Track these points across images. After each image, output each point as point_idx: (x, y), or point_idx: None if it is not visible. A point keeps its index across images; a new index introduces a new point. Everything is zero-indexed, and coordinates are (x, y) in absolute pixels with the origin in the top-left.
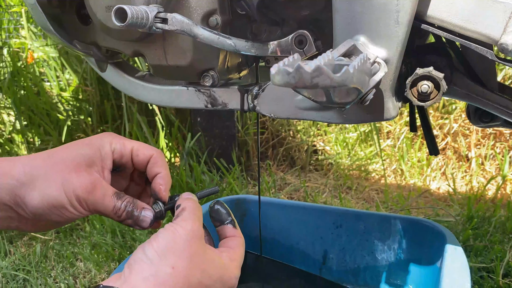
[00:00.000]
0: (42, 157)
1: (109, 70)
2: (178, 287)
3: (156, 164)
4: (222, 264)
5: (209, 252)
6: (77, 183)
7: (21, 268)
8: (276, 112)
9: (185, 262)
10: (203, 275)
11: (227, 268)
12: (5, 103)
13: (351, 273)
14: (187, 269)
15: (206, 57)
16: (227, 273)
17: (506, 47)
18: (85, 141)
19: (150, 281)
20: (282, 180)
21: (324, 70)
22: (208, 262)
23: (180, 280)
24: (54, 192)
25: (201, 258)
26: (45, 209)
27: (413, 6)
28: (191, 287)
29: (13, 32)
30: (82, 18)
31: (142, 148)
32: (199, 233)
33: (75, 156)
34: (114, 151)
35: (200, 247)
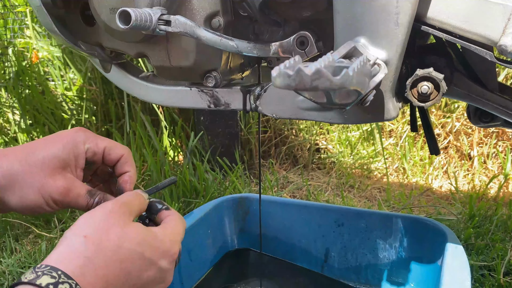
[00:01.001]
0: (20, 159)
1: (113, 71)
2: (90, 251)
3: (126, 163)
4: (150, 232)
5: (133, 225)
6: (53, 188)
7: (27, 265)
8: (278, 112)
9: (100, 231)
10: (120, 240)
11: (157, 235)
12: (10, 102)
13: (353, 271)
14: (101, 235)
15: (209, 58)
16: (159, 239)
17: (505, 48)
18: (61, 140)
19: (62, 251)
20: (284, 179)
21: (323, 73)
22: (130, 231)
23: (92, 246)
24: (31, 196)
25: (120, 228)
26: (23, 210)
27: (413, 8)
28: (106, 251)
29: (18, 32)
30: (86, 19)
31: (114, 147)
32: (120, 212)
33: (51, 159)
34: (87, 150)
35: (119, 220)
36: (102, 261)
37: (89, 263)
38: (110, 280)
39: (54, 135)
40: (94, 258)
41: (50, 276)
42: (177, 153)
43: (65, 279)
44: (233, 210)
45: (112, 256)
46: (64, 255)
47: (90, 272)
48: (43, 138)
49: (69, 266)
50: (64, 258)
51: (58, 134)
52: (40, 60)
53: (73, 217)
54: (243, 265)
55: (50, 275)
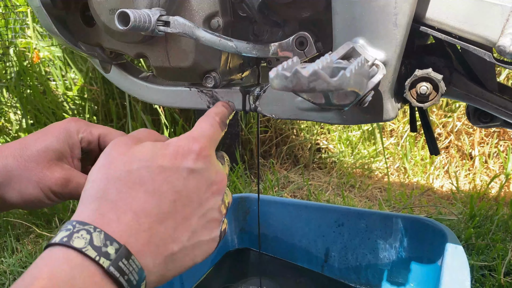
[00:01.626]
0: (14, 154)
1: (113, 71)
2: (100, 190)
3: None
4: (156, 144)
5: (136, 146)
6: (52, 180)
7: (28, 265)
8: (277, 112)
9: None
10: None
11: (167, 144)
12: (11, 102)
13: (353, 271)
14: (106, 172)
15: (208, 58)
16: (168, 146)
17: (503, 49)
18: (53, 132)
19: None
20: (285, 179)
21: (321, 75)
22: (132, 151)
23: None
24: (31, 190)
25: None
26: (24, 205)
27: (411, 9)
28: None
29: (19, 32)
30: (86, 20)
31: (109, 134)
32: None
33: (45, 152)
34: (81, 140)
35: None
36: (115, 193)
37: (102, 203)
38: (138, 208)
39: (46, 128)
40: (106, 195)
41: (65, 230)
42: None
43: (80, 227)
44: (233, 210)
45: (124, 182)
46: (79, 208)
47: (107, 210)
48: (35, 132)
49: (83, 213)
50: (79, 210)
51: (50, 126)
52: (41, 60)
53: None
54: (243, 264)
55: (65, 229)
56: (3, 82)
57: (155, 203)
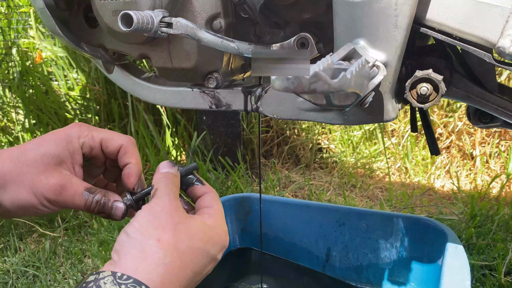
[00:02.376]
0: (12, 158)
1: (116, 72)
2: (168, 257)
3: (125, 154)
4: (207, 225)
5: (192, 219)
6: (46, 186)
7: (31, 264)
8: (278, 113)
9: (170, 232)
10: (191, 240)
11: (213, 228)
12: (14, 102)
13: (354, 271)
14: (173, 238)
15: (210, 59)
16: (216, 232)
17: (503, 50)
18: (53, 137)
19: (139, 257)
20: (286, 178)
21: (321, 76)
22: (193, 228)
23: (168, 250)
24: (24, 195)
25: (185, 225)
26: (17, 210)
27: (411, 11)
28: (181, 254)
29: (22, 32)
30: (89, 21)
31: (111, 139)
32: (176, 205)
33: (43, 156)
34: (82, 145)
35: (181, 216)
36: (178, 266)
37: (168, 270)
38: (183, 282)
39: (48, 134)
40: (172, 263)
41: None
42: (180, 153)
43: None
44: (235, 210)
45: (186, 259)
46: (143, 264)
47: (169, 279)
48: (37, 138)
49: (150, 276)
50: (144, 268)
51: (52, 132)
52: (44, 60)
53: (76, 215)
54: (245, 264)
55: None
56: (5, 82)
57: (191, 279)
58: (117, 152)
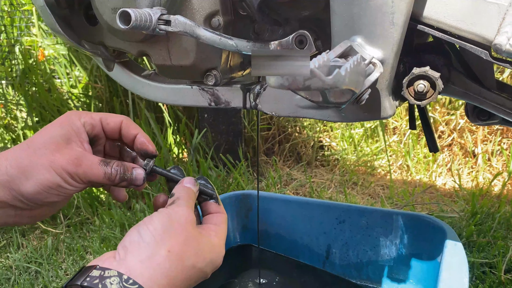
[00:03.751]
0: (21, 148)
1: (116, 69)
2: (173, 269)
3: (129, 127)
4: (212, 245)
5: (201, 235)
6: (63, 160)
7: (33, 260)
8: (276, 110)
9: (181, 246)
10: (196, 257)
11: (215, 248)
12: (17, 100)
13: (354, 268)
14: (182, 252)
15: (209, 57)
16: (216, 253)
17: (499, 47)
18: (56, 123)
19: (146, 263)
20: (288, 176)
21: (316, 73)
22: (201, 245)
23: (175, 263)
24: (46, 175)
25: (195, 241)
26: (43, 193)
27: (408, 8)
28: (185, 269)
29: (25, 30)
30: (89, 19)
31: (110, 117)
32: (193, 218)
33: (51, 138)
34: (84, 124)
35: (194, 231)
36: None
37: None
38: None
39: (49, 123)
40: (175, 278)
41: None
42: (181, 150)
43: None
44: (235, 207)
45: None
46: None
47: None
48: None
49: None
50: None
51: (53, 121)
52: (46, 58)
53: (78, 212)
54: (245, 260)
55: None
56: (8, 80)
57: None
58: (118, 128)
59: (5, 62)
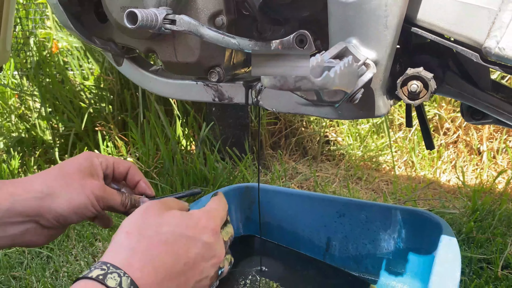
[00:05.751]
0: (54, 172)
1: (125, 64)
2: (133, 242)
3: (136, 173)
4: (184, 214)
5: (167, 212)
6: (93, 186)
7: (45, 246)
8: (277, 106)
9: (138, 223)
10: (159, 226)
11: (191, 215)
12: (31, 91)
13: (353, 260)
14: (140, 226)
15: (213, 54)
16: (193, 218)
17: (489, 50)
18: (79, 157)
19: (110, 250)
20: (293, 170)
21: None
22: (164, 217)
23: (134, 237)
24: (78, 196)
25: (155, 218)
26: (70, 212)
27: (401, 12)
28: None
29: (39, 23)
30: (100, 16)
31: (121, 161)
32: (154, 205)
33: (80, 167)
34: (101, 163)
35: (156, 212)
36: (144, 248)
37: (133, 253)
38: (157, 263)
39: (72, 158)
40: (137, 247)
41: (100, 269)
42: (189, 143)
43: (113, 270)
44: (239, 199)
45: (153, 240)
46: (111, 252)
47: (135, 260)
48: (62, 162)
49: (116, 259)
50: (111, 254)
51: (73, 157)
52: (60, 50)
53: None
54: (247, 250)
55: (100, 268)
56: (23, 71)
57: (171, 262)
58: (125, 173)
59: (20, 54)
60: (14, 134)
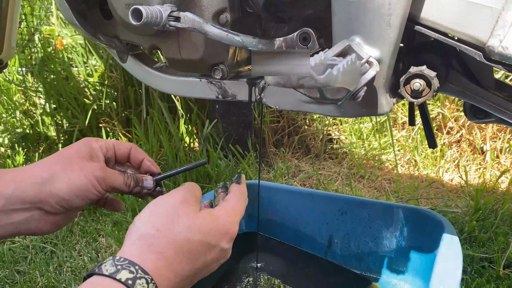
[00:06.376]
0: (53, 157)
1: (130, 61)
2: (162, 245)
3: (138, 152)
4: (212, 217)
5: (195, 213)
6: (93, 167)
7: (49, 241)
8: (280, 104)
9: (169, 223)
10: (189, 231)
11: (217, 219)
12: (36, 87)
13: (355, 258)
14: (171, 228)
15: (217, 52)
16: (218, 222)
17: (492, 49)
18: (78, 143)
19: (136, 244)
20: (296, 168)
21: (309, 72)
22: (195, 220)
23: (164, 239)
24: (77, 178)
25: (187, 217)
26: (71, 195)
27: (404, 10)
28: (177, 244)
29: (44, 19)
30: (105, 13)
31: (122, 143)
32: (184, 200)
33: (79, 151)
34: (101, 147)
35: (187, 209)
36: (172, 255)
37: (161, 258)
38: (179, 270)
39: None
40: (166, 253)
41: (128, 271)
42: (193, 140)
43: (142, 274)
44: None
45: (181, 249)
46: (139, 249)
47: (162, 265)
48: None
49: (145, 261)
50: (140, 253)
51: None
52: (64, 47)
53: None
54: (250, 247)
55: (129, 270)
56: (28, 67)
57: (190, 268)
58: (127, 153)
59: (25, 50)
60: (18, 130)
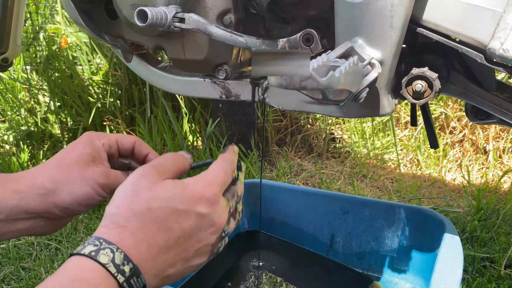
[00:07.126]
0: (53, 165)
1: (134, 61)
2: (123, 219)
3: (142, 147)
4: (176, 184)
5: (160, 183)
6: (95, 174)
7: (53, 238)
8: (283, 104)
9: (128, 198)
10: (149, 201)
11: (185, 186)
12: (40, 85)
13: (356, 257)
14: (130, 202)
15: (221, 52)
16: (186, 189)
17: (493, 51)
18: (79, 142)
19: (102, 226)
20: (299, 167)
21: (311, 74)
22: (155, 189)
23: (124, 214)
24: (80, 188)
25: (147, 189)
26: (75, 205)
27: (406, 12)
28: (138, 215)
29: (49, 18)
30: (110, 13)
31: (125, 137)
32: (146, 172)
33: (79, 156)
34: (103, 144)
35: (146, 181)
36: (136, 226)
37: (124, 231)
38: (151, 240)
39: (71, 143)
40: (128, 225)
41: (93, 245)
42: (196, 138)
43: (106, 245)
44: (245, 195)
45: (144, 219)
46: (104, 228)
47: (128, 237)
48: (63, 149)
49: (108, 235)
50: (105, 231)
51: (73, 142)
52: (69, 45)
53: None
54: (252, 245)
55: (93, 244)
56: (33, 65)
57: (164, 238)
58: (131, 148)
59: (30, 48)
60: (23, 127)
